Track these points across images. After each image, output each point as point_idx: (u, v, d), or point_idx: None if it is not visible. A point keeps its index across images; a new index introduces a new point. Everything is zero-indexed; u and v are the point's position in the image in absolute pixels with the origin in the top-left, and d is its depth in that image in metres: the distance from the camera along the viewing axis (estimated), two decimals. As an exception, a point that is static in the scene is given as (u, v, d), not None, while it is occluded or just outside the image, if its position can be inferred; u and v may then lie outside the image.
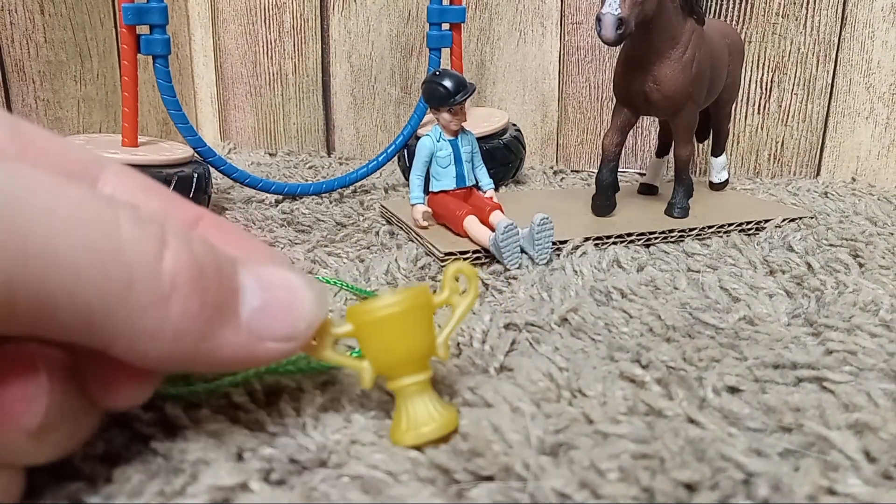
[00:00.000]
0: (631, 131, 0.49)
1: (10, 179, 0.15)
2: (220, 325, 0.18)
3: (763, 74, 0.64)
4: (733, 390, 0.25)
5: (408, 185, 0.48)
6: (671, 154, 0.51)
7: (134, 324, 0.17)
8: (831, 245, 0.42)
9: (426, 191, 0.44)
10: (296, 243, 0.44)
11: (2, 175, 0.15)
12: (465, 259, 0.40)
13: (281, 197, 0.56)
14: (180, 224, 0.19)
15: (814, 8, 0.61)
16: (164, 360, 0.18)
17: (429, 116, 0.60)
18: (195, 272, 0.18)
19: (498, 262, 0.40)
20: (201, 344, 0.18)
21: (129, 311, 0.16)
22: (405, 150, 0.61)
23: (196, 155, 0.51)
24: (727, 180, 0.56)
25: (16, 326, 0.16)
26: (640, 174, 0.67)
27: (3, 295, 0.15)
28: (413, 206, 0.44)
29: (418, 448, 0.21)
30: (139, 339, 0.17)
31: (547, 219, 0.39)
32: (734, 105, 0.58)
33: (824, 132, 0.64)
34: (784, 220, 0.46)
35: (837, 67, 0.62)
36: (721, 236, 0.45)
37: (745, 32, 0.63)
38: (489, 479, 0.20)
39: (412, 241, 0.44)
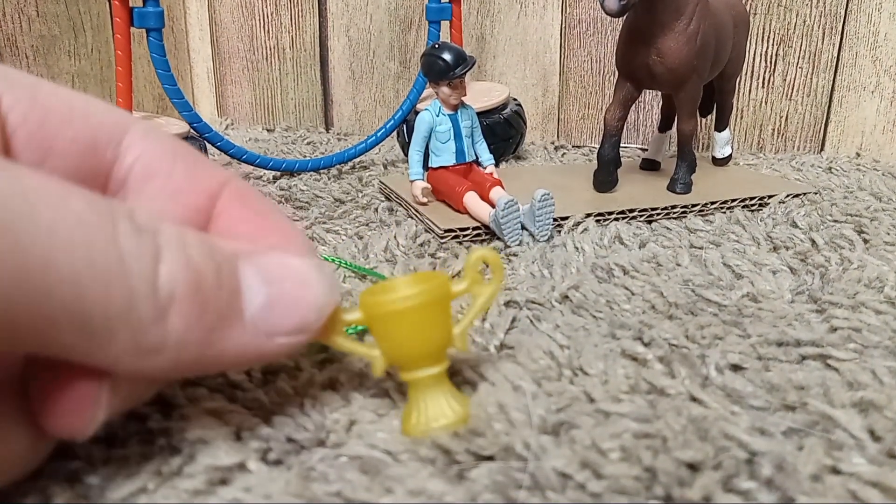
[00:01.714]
0: (633, 106, 0.48)
1: (14, 193, 0.15)
2: (223, 329, 0.18)
3: (768, 48, 0.63)
4: (736, 368, 0.25)
5: (407, 161, 0.47)
6: (674, 129, 0.50)
7: (137, 341, 0.16)
8: (836, 221, 0.41)
9: (426, 166, 0.44)
10: (294, 220, 0.44)
11: (7, 187, 0.15)
12: (465, 236, 0.39)
13: (279, 173, 0.56)
14: (180, 220, 0.19)
15: (821, -21, 0.60)
16: (170, 371, 0.18)
17: (428, 91, 0.59)
18: (192, 282, 0.17)
19: (498, 238, 0.39)
20: (206, 350, 0.18)
21: (132, 328, 0.16)
22: (404, 126, 0.60)
23: (192, 131, 0.50)
24: (730, 155, 0.55)
25: (19, 343, 0.15)
26: (642, 149, 0.66)
27: (5, 311, 0.14)
28: (412, 182, 0.43)
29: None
30: (143, 356, 0.17)
31: (548, 195, 0.38)
32: (738, 79, 0.57)
33: (829, 106, 0.63)
34: (788, 195, 0.46)
35: (843, 40, 0.61)
36: (724, 212, 0.44)
37: (750, 4, 0.62)
38: (490, 458, 0.20)
39: (411, 217, 0.44)
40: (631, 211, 0.43)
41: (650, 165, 0.53)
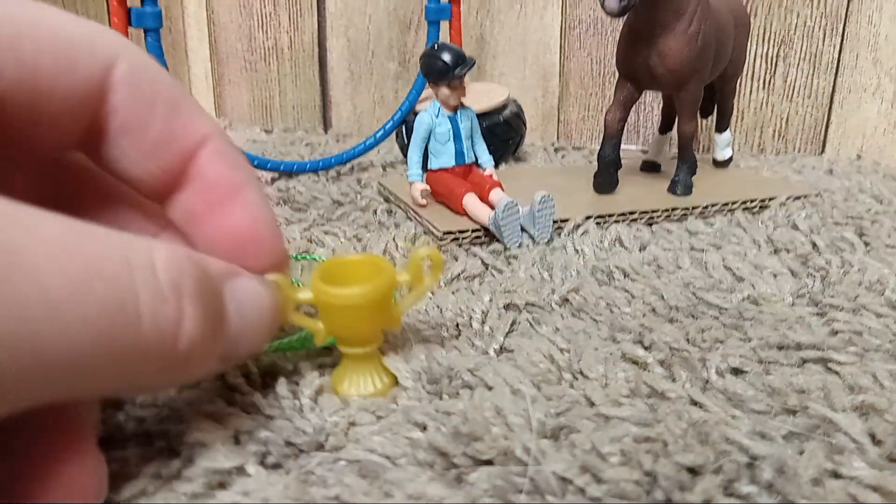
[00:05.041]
0: (634, 107, 0.48)
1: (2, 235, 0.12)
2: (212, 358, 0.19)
3: (768, 49, 0.63)
4: (737, 372, 0.25)
5: (406, 163, 0.47)
6: (674, 130, 0.50)
7: (144, 384, 0.17)
8: (836, 223, 0.41)
9: (425, 168, 0.44)
10: (292, 222, 0.44)
11: None
12: (464, 238, 0.39)
13: (277, 175, 0.55)
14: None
15: (821, -20, 0.60)
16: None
17: (427, 92, 0.59)
18: (209, 332, 0.17)
19: (498, 241, 0.39)
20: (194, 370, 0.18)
21: (141, 382, 0.16)
22: (403, 127, 0.60)
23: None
24: (731, 157, 0.55)
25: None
26: (642, 151, 0.66)
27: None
28: (411, 183, 0.43)
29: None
30: (146, 388, 0.17)
31: (548, 197, 0.38)
32: (739, 80, 0.57)
33: (830, 108, 0.63)
34: (789, 197, 0.46)
35: (844, 42, 0.61)
36: (725, 214, 0.44)
37: (751, 5, 0.62)
38: (489, 463, 0.20)
39: (410, 219, 0.44)
40: (631, 213, 0.43)
41: (651, 167, 0.53)
